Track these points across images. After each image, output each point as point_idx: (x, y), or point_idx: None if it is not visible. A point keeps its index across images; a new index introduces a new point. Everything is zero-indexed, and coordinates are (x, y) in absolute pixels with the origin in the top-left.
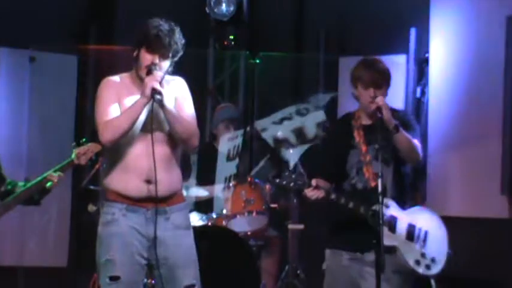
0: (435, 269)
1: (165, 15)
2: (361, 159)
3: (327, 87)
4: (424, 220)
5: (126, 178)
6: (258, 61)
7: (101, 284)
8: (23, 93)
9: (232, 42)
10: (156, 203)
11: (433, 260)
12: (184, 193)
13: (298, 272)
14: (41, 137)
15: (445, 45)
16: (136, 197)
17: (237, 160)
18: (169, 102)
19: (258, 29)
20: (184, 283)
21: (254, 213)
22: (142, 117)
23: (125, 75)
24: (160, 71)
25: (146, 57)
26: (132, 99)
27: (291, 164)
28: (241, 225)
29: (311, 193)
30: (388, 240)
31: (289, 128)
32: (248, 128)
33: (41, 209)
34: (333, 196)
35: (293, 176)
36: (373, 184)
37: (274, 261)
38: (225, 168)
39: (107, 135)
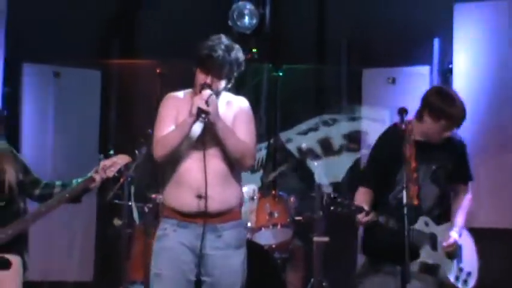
0: (471, 283)
1: (188, 29)
2: (409, 176)
3: (350, 98)
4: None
5: (179, 193)
6: (280, 73)
7: (150, 280)
8: (47, 108)
9: (255, 55)
10: (205, 218)
11: (469, 274)
12: None
13: (324, 284)
14: (65, 150)
15: (468, 56)
16: (188, 212)
17: (261, 172)
18: (222, 120)
19: (280, 41)
20: None
21: (279, 226)
22: (198, 132)
23: (188, 91)
24: (213, 91)
25: (200, 77)
26: None
27: (316, 176)
28: (266, 238)
29: (365, 219)
30: (432, 258)
31: (315, 138)
32: (272, 140)
33: (66, 223)
34: (381, 220)
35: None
36: (415, 202)
37: (299, 274)
38: (248, 180)
39: (158, 151)
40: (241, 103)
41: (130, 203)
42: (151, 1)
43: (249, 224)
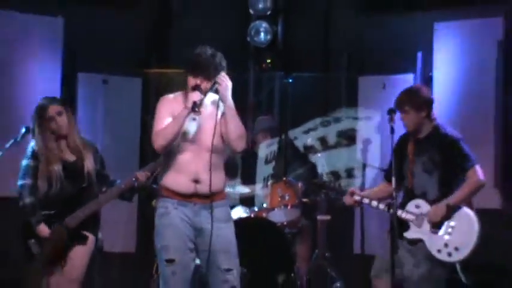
0: (457, 257)
1: (212, 44)
2: (408, 167)
3: (348, 101)
4: (455, 217)
5: (178, 178)
6: (290, 80)
7: (159, 266)
8: (97, 111)
9: (269, 65)
10: (201, 198)
11: (456, 249)
12: (231, 190)
13: (326, 255)
14: (112, 149)
15: (446, 66)
16: (185, 193)
17: (273, 163)
18: (230, 102)
19: (290, 53)
20: (223, 267)
21: (289, 207)
22: (193, 129)
23: (179, 93)
24: (203, 91)
25: (191, 80)
26: None
27: (318, 166)
28: (278, 216)
29: (348, 201)
30: (414, 234)
31: (315, 137)
32: (283, 137)
33: (113, 203)
34: (366, 201)
35: (332, 186)
36: (409, 187)
37: (306, 247)
38: (264, 169)
39: (158, 142)
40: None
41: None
42: (183, 21)
43: (264, 205)
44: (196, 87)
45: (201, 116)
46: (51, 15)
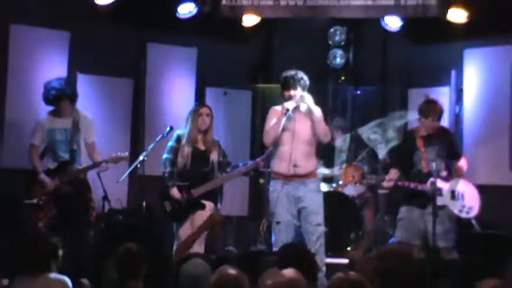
0: (472, 213)
1: (302, 66)
2: (421, 156)
3: (400, 107)
4: (461, 186)
5: (282, 164)
6: (359, 92)
7: (272, 225)
8: (219, 115)
9: (343, 81)
10: (298, 177)
11: (470, 208)
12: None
13: (385, 218)
14: (230, 146)
15: (473, 81)
16: (287, 174)
17: (346, 152)
18: (316, 111)
19: (358, 72)
20: (314, 222)
21: (358, 184)
22: (292, 128)
23: (281, 104)
24: (295, 99)
25: (286, 93)
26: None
27: (380, 156)
28: (350, 190)
29: (386, 184)
30: (439, 202)
31: (378, 132)
32: (353, 132)
33: (233, 180)
34: (399, 183)
35: (374, 176)
36: (425, 170)
37: (371, 213)
38: (339, 156)
39: (265, 139)
40: (315, 108)
41: (269, 170)
42: (281, 50)
43: (340, 182)
44: (289, 98)
45: (297, 118)
46: (187, 47)
